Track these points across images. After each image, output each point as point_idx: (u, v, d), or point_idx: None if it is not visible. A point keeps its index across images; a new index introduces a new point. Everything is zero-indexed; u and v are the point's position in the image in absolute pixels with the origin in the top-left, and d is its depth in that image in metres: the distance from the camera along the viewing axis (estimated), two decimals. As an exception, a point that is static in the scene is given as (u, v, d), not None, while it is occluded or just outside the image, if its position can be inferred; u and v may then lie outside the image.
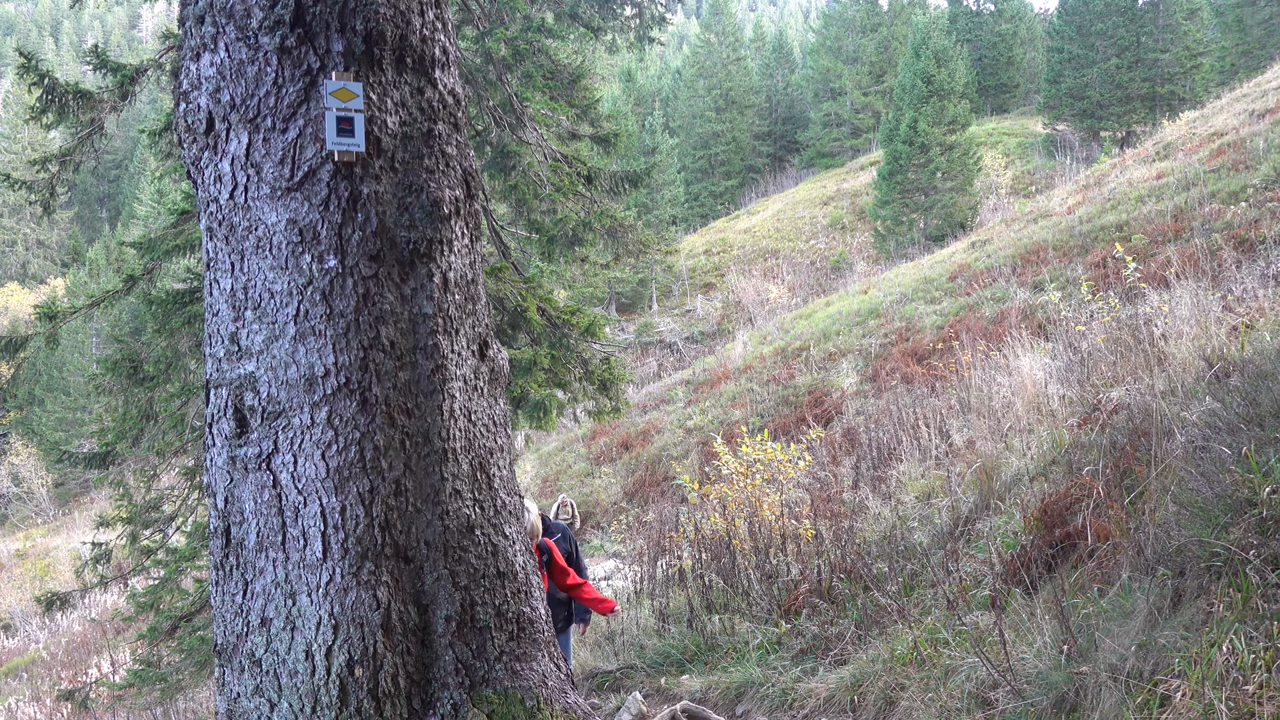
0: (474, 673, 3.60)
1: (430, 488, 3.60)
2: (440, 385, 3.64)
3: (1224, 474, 4.58)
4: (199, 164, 3.57)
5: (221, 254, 3.52)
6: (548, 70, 10.23)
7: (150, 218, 36.40)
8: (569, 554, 6.15)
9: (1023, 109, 50.46)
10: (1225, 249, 12.82)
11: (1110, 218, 19.14)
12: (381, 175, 3.55)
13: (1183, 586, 4.56)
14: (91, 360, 36.72)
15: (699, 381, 23.63)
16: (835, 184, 46.62)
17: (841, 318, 22.89)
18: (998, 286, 19.10)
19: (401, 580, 3.51)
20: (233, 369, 3.48)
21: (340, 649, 3.36)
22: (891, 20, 52.45)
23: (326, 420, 3.41)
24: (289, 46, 3.39)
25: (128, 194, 58.19)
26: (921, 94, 37.27)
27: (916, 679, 5.51)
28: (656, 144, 42.02)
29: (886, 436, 10.92)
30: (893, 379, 16.81)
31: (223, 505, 3.52)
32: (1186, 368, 6.63)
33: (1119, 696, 4.32)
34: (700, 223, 50.32)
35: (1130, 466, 5.96)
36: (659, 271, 40.52)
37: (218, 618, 3.56)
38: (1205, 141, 21.07)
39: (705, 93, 54.42)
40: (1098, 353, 8.79)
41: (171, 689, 10.46)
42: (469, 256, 3.84)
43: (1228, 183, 17.26)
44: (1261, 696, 3.64)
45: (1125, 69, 40.15)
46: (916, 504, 8.37)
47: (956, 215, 36.03)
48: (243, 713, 3.45)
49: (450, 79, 3.83)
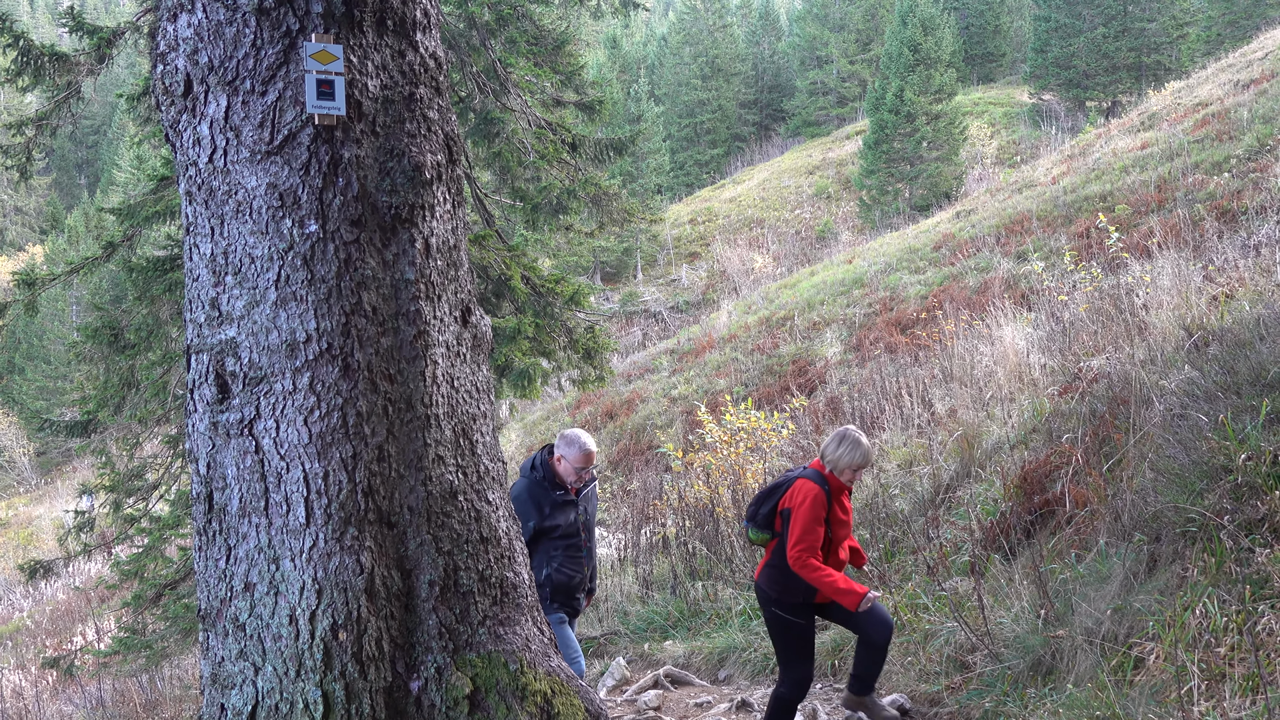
0: (458, 637, 3.62)
1: (413, 453, 3.61)
2: (423, 351, 3.63)
3: (1200, 441, 4.63)
4: (177, 127, 3.53)
5: (201, 218, 3.49)
6: (532, 36, 10.14)
7: (130, 184, 35.98)
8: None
9: (1009, 78, 50.33)
10: (1208, 219, 12.88)
11: (1094, 188, 19.17)
12: (362, 139, 3.52)
13: (1158, 552, 4.63)
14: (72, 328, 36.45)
15: (684, 351, 23.65)
16: (821, 153, 46.50)
17: (826, 287, 22.91)
18: (982, 256, 19.14)
19: (385, 545, 3.52)
20: (214, 334, 3.46)
21: (324, 613, 3.38)
22: (879, -12, 52.12)
23: (309, 386, 3.40)
24: (267, 7, 3.35)
25: (106, 160, 57.49)
26: (908, 62, 37.13)
27: (897, 643, 5.59)
28: (642, 112, 41.77)
29: (870, 405, 10.98)
30: (876, 348, 16.87)
31: (205, 471, 3.51)
32: (1167, 337, 6.68)
33: (1094, 659, 4.40)
34: (685, 191, 50.14)
35: (1109, 434, 6.03)
36: (644, 240, 40.42)
37: (201, 583, 3.57)
38: (1190, 112, 21.09)
39: (691, 60, 54.05)
40: (1080, 322, 8.84)
41: (157, 656, 10.49)
42: (451, 222, 3.82)
43: (1211, 153, 17.30)
44: (1233, 658, 3.71)
45: (1112, 38, 40.07)
46: (899, 472, 8.44)
47: (942, 185, 36.03)
48: (227, 677, 3.46)
49: (432, 42, 3.79)
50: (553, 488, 5.18)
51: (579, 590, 5.32)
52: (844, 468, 4.76)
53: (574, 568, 5.24)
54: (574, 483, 5.20)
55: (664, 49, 57.31)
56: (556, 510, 5.16)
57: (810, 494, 4.71)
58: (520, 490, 5.17)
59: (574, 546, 5.24)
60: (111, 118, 59.79)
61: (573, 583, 5.24)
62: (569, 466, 5.16)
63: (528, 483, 5.20)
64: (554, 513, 5.15)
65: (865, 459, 4.78)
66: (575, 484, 5.21)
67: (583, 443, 5.20)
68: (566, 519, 5.19)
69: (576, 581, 5.26)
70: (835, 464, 4.76)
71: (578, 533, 5.26)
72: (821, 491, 4.73)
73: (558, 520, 5.16)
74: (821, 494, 4.72)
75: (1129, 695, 3.92)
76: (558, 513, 5.16)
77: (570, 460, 5.16)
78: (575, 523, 5.24)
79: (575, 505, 5.25)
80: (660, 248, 41.69)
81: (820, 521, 4.69)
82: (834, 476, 4.80)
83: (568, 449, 5.18)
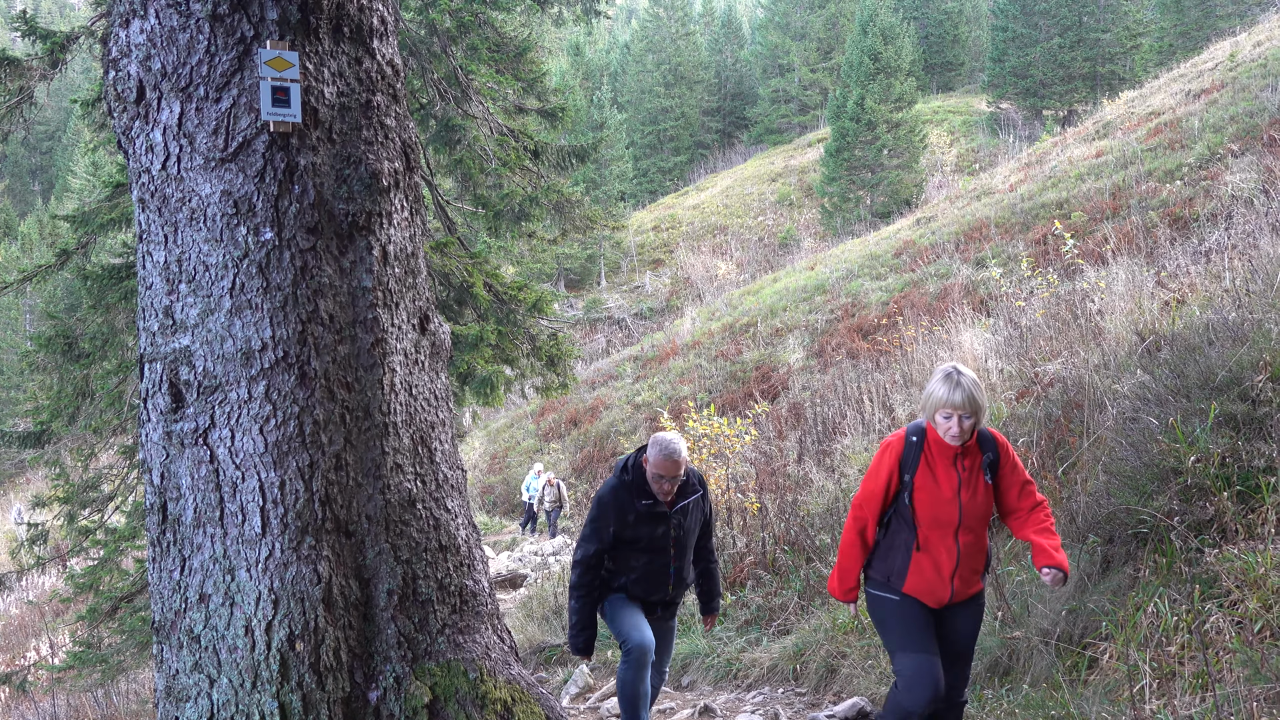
0: (416, 646, 3.60)
1: (371, 462, 3.59)
2: (380, 359, 3.62)
3: (1151, 444, 4.72)
4: (130, 134, 3.49)
5: (154, 226, 3.45)
6: (493, 43, 10.11)
7: (85, 191, 35.43)
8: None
9: (968, 87, 51.00)
10: (1160, 226, 13.13)
11: (1051, 195, 19.48)
12: (319, 146, 3.50)
13: (1111, 553, 4.71)
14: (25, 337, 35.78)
15: (647, 358, 23.69)
16: (783, 160, 46.83)
17: (789, 294, 23.06)
18: (941, 263, 19.37)
19: (343, 554, 3.50)
20: (167, 343, 3.42)
21: (281, 624, 3.35)
22: (839, -3, 52.63)
23: (264, 394, 3.37)
24: (221, 14, 3.32)
25: (61, 166, 56.56)
26: (869, 71, 37.52)
27: (857, 647, 5.63)
28: (605, 119, 41.82)
29: (831, 411, 11.06)
30: (838, 354, 17.00)
31: (159, 481, 3.47)
32: (1120, 342, 6.79)
33: (1049, 660, 4.46)
34: (649, 199, 50.27)
35: (1064, 438, 6.12)
36: (608, 248, 40.45)
37: (155, 594, 3.52)
38: (1143, 121, 21.50)
39: (654, 68, 54.22)
40: (1036, 328, 8.97)
41: (112, 670, 10.30)
42: (409, 229, 3.81)
43: (1164, 161, 17.65)
44: (1183, 656, 3.78)
45: (1067, 48, 40.74)
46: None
47: (902, 192, 36.42)
48: (182, 689, 3.42)
49: (389, 49, 3.78)
50: (639, 496, 4.44)
51: (660, 604, 4.65)
52: (932, 410, 3.60)
53: (654, 586, 4.53)
54: (661, 492, 4.42)
55: (627, 56, 57.44)
56: (642, 521, 4.44)
57: (885, 443, 3.73)
58: (604, 493, 4.51)
59: (658, 564, 4.51)
60: (66, 123, 58.85)
61: (651, 599, 4.57)
62: (652, 472, 4.40)
63: (614, 485, 4.49)
64: (639, 523, 4.43)
65: (953, 401, 3.51)
66: (664, 494, 4.43)
67: (666, 447, 4.37)
68: (653, 532, 4.46)
69: (656, 599, 4.59)
70: (924, 405, 3.64)
71: (666, 549, 4.50)
72: (898, 440, 3.68)
73: (640, 532, 4.44)
74: (895, 442, 3.68)
75: (1083, 694, 3.99)
76: (642, 524, 4.44)
77: (651, 464, 4.39)
78: (664, 538, 4.48)
79: (667, 519, 4.47)
80: (624, 254, 41.74)
81: (880, 475, 3.67)
82: (931, 426, 3.65)
83: (651, 450, 4.41)
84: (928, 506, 3.59)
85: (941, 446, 3.58)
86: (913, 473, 3.60)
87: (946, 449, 3.58)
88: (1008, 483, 3.65)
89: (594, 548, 4.44)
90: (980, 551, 3.67)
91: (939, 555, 3.60)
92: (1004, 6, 43.02)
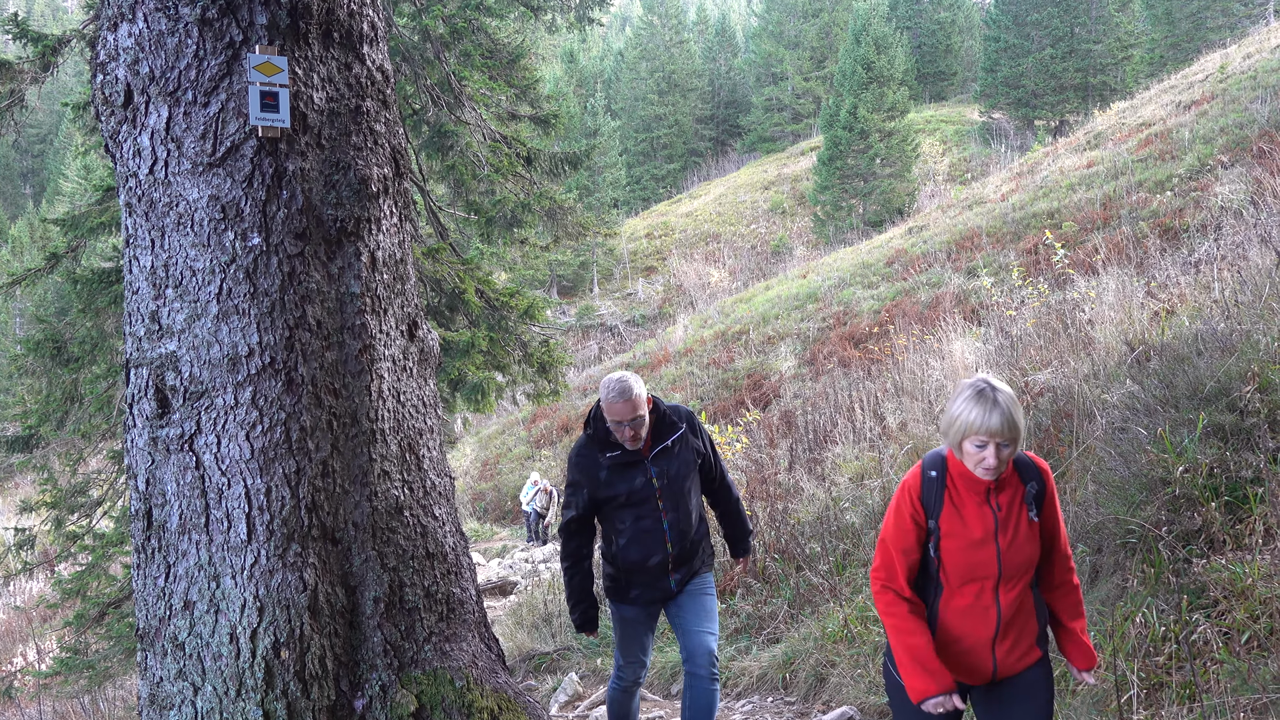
0: (403, 654, 3.58)
1: (358, 469, 3.57)
2: (368, 365, 3.60)
3: (1140, 454, 4.73)
4: (117, 138, 3.48)
5: (141, 230, 3.44)
6: (487, 49, 10.12)
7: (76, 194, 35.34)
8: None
9: (960, 97, 51.20)
10: (1151, 237, 13.17)
11: (1042, 205, 19.55)
12: (307, 152, 3.49)
13: (1100, 563, 4.71)
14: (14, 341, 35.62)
15: (640, 365, 23.68)
16: (776, 169, 46.94)
17: (781, 302, 23.09)
18: (933, 272, 19.41)
19: (329, 562, 3.48)
20: (154, 348, 3.40)
21: (266, 631, 3.33)
22: (833, 6, 52.82)
23: (251, 400, 3.36)
24: (210, 18, 3.31)
25: (52, 169, 56.40)
26: (861, 80, 37.64)
27: (847, 656, 5.62)
28: (598, 126, 41.87)
29: (822, 419, 11.06)
30: (830, 362, 17.02)
31: (144, 487, 3.45)
32: (1110, 352, 6.81)
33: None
34: (642, 206, 50.33)
35: (1054, 447, 6.12)
36: (600, 255, 40.48)
37: (140, 601, 3.50)
38: (1134, 131, 21.59)
39: (648, 75, 54.34)
40: (1027, 337, 8.99)
41: (99, 677, 10.23)
42: (398, 236, 3.80)
43: (1154, 172, 17.72)
44: (1170, 667, 3.78)
45: (1059, 59, 40.96)
46: (850, 485, 8.49)
47: (895, 201, 36.52)
48: (165, 697, 3.40)
49: (379, 55, 3.78)
50: (605, 449, 4.04)
51: (666, 571, 4.11)
52: (958, 436, 2.82)
53: (650, 544, 4.06)
54: (627, 439, 3.99)
55: (621, 64, 57.55)
56: (615, 476, 4.04)
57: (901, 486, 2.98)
58: (571, 454, 4.19)
59: (648, 521, 4.05)
60: (58, 126, 58.74)
61: (651, 563, 4.07)
62: (610, 420, 3.97)
63: (580, 442, 4.15)
64: (612, 478, 4.03)
65: (990, 426, 2.73)
66: (631, 441, 3.99)
67: (613, 387, 3.94)
68: (631, 484, 4.03)
69: (656, 562, 4.08)
70: (947, 430, 2.86)
71: (651, 499, 4.04)
72: (914, 479, 2.95)
73: (617, 488, 4.03)
74: (912, 482, 2.94)
75: (1071, 705, 3.98)
76: (616, 478, 4.03)
77: (606, 410, 3.97)
78: (646, 488, 4.04)
79: (641, 466, 4.05)
80: (617, 262, 41.77)
81: (904, 528, 2.92)
82: (953, 456, 2.90)
83: (602, 394, 3.98)
84: (957, 556, 2.85)
85: (969, 480, 2.85)
86: (937, 517, 2.88)
87: (976, 483, 2.85)
88: (1050, 526, 2.94)
89: (571, 514, 4.13)
90: (1029, 610, 2.93)
91: (974, 619, 2.87)
92: (996, 17, 43.26)
